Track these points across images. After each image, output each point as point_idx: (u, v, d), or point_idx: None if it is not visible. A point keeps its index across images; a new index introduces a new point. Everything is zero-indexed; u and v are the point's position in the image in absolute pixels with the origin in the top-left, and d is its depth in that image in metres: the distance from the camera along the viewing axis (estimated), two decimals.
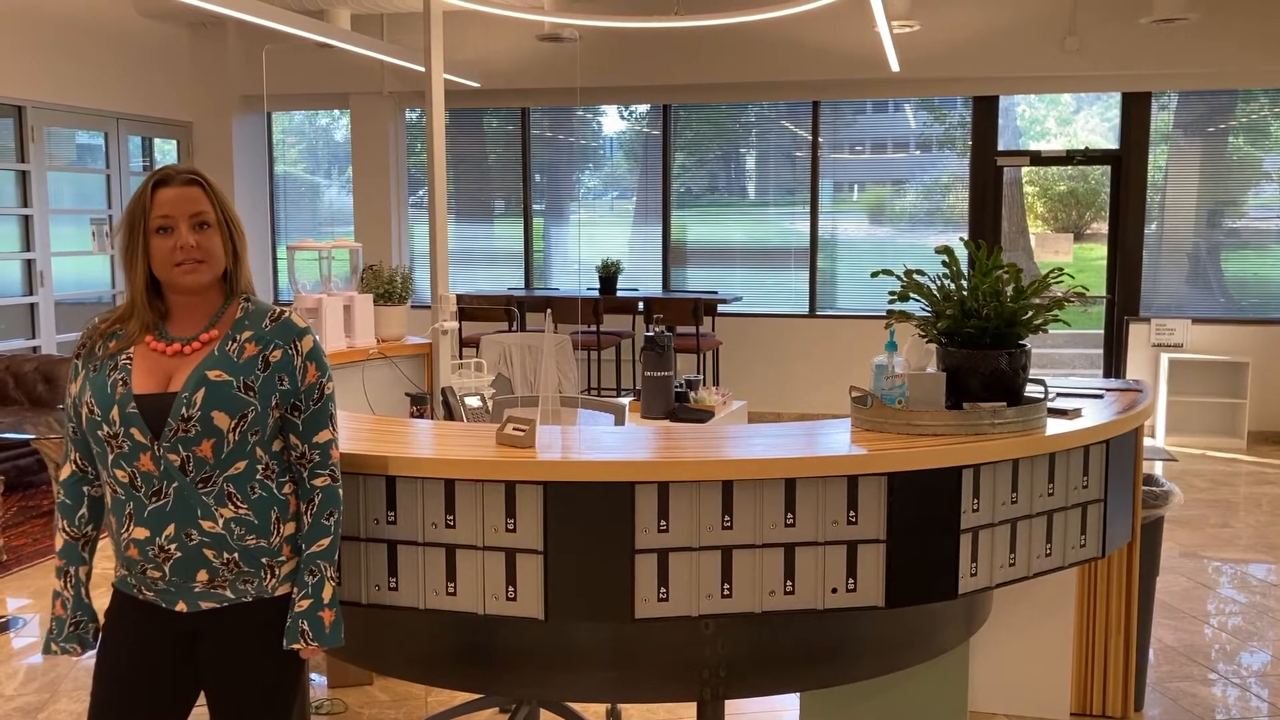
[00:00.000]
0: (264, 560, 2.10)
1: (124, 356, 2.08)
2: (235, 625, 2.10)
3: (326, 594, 2.13)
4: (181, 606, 2.08)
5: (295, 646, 2.11)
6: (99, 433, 2.04)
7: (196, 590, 2.07)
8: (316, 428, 2.15)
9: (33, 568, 5.26)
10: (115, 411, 2.03)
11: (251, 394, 2.07)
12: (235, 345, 2.09)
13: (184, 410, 2.02)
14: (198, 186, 2.08)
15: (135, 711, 2.12)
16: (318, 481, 2.16)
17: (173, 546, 2.04)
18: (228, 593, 2.08)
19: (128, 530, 2.06)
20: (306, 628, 2.11)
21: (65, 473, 2.18)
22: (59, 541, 2.19)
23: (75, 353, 2.14)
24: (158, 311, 2.11)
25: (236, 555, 2.07)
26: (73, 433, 2.15)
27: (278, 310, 2.16)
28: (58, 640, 2.17)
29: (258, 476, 2.10)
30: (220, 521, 2.06)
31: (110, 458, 2.05)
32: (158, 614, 2.10)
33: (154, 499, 2.04)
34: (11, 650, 4.29)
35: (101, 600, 2.16)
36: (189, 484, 2.04)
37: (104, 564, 2.27)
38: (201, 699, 2.17)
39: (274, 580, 2.12)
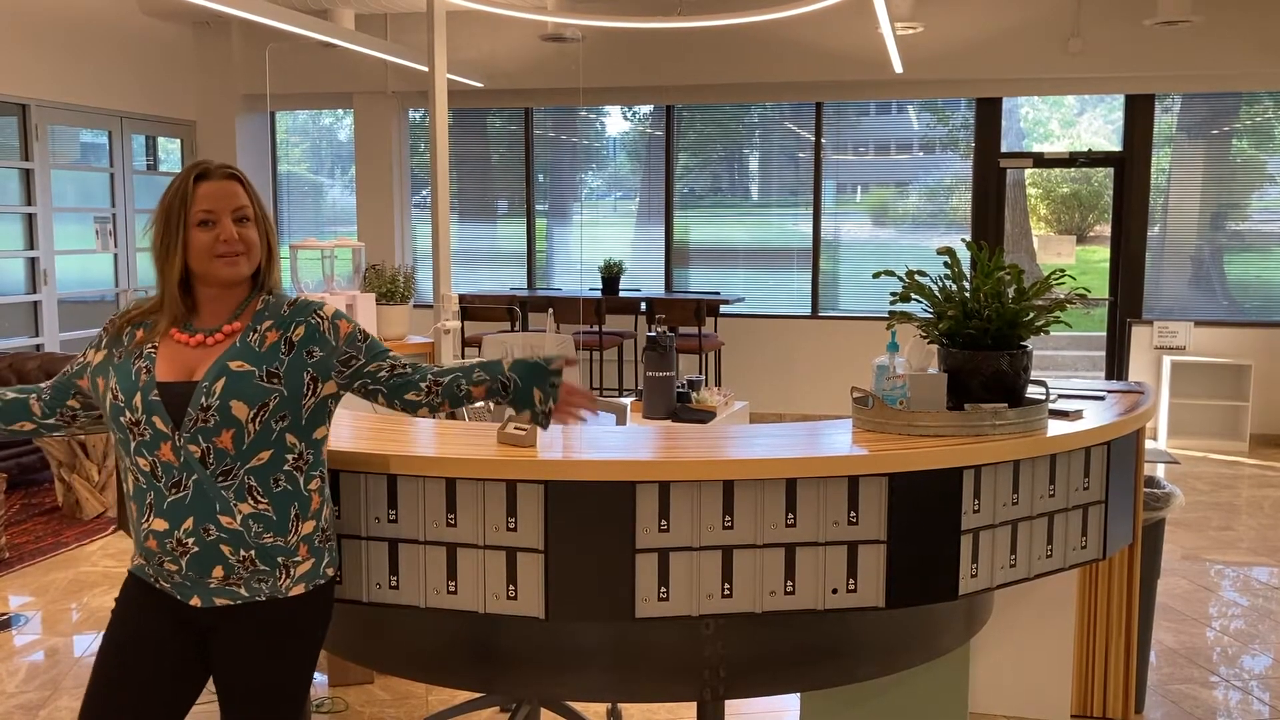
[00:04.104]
0: (280, 560, 2.09)
1: (149, 346, 2.10)
2: (248, 624, 2.10)
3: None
4: (196, 601, 2.09)
5: (568, 357, 2.27)
6: (121, 419, 2.06)
7: (212, 586, 2.08)
8: (380, 351, 2.22)
9: (35, 565, 5.26)
10: (138, 398, 2.04)
11: (276, 381, 2.08)
12: (256, 335, 2.11)
13: (203, 399, 2.03)
14: (236, 181, 2.14)
15: (133, 678, 2.10)
16: (421, 363, 2.27)
17: (190, 541, 2.05)
18: (242, 590, 2.08)
19: (147, 521, 2.07)
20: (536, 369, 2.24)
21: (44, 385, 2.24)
22: None
23: (104, 327, 2.18)
24: (186, 305, 2.13)
25: (253, 553, 2.07)
26: (62, 374, 2.22)
27: (294, 296, 2.21)
28: None
29: (285, 467, 2.10)
30: (238, 518, 2.06)
31: (132, 445, 2.06)
32: (172, 604, 2.11)
33: (174, 490, 2.04)
34: (13, 648, 4.30)
35: (101, 600, 2.17)
36: (209, 476, 2.04)
37: (106, 562, 2.27)
38: (211, 694, 2.17)
39: (289, 580, 2.11)
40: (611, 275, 8.83)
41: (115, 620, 2.16)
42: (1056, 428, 2.74)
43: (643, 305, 8.55)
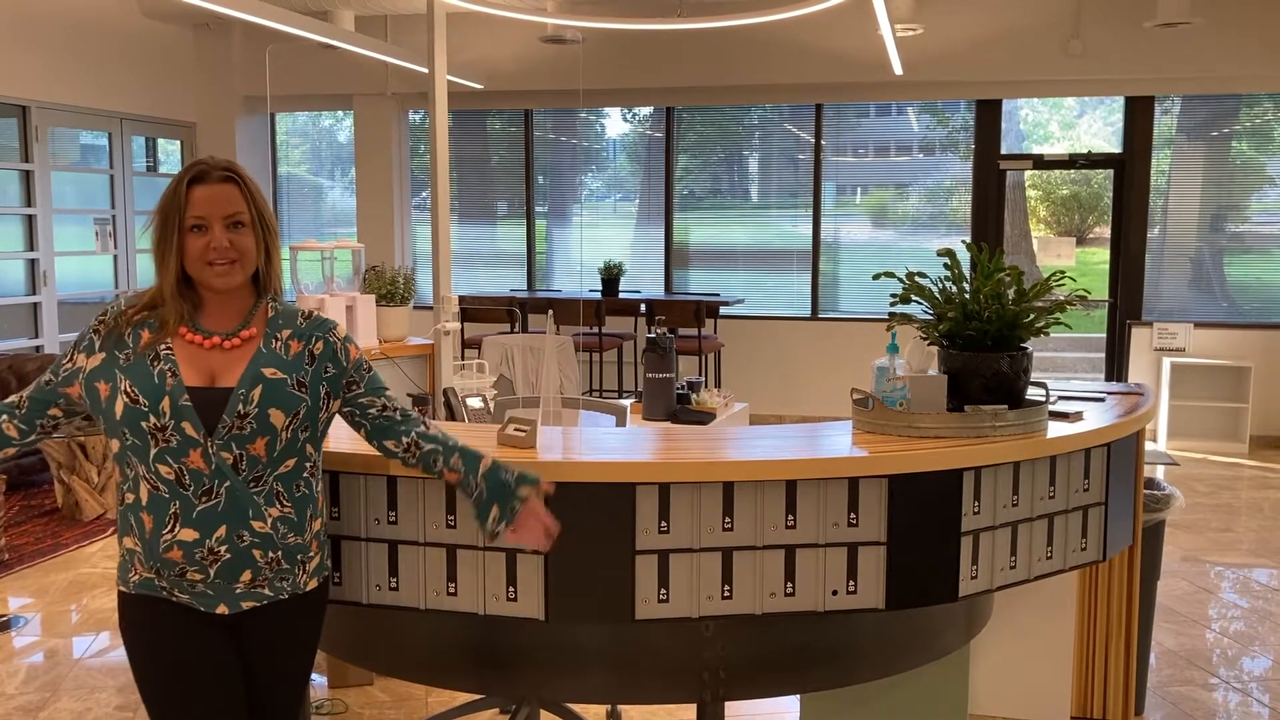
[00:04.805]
0: (299, 557, 2.12)
1: (163, 347, 2.04)
2: (273, 622, 2.12)
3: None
4: (222, 609, 2.06)
5: (544, 484, 2.20)
6: (143, 424, 1.99)
7: (238, 591, 2.06)
8: (379, 386, 2.21)
9: (34, 567, 5.26)
10: (166, 403, 1.99)
11: (303, 390, 2.08)
12: (279, 343, 2.10)
13: (240, 407, 2.01)
14: (233, 184, 2.06)
15: (204, 701, 2.06)
16: (411, 411, 2.24)
17: (223, 548, 2.02)
18: (266, 591, 2.09)
19: (171, 531, 2.01)
20: (522, 470, 2.20)
21: (3, 398, 2.15)
22: None
23: (94, 327, 2.08)
24: (190, 302, 2.08)
25: (280, 554, 2.08)
26: (45, 382, 2.10)
27: (306, 309, 2.20)
28: None
29: (304, 474, 2.11)
30: (269, 521, 2.05)
31: (153, 452, 1.99)
32: (196, 614, 2.06)
33: (204, 498, 2.01)
34: (13, 649, 4.30)
35: (101, 602, 2.15)
36: (241, 483, 2.02)
37: (106, 564, 2.26)
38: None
39: (305, 575, 2.14)
40: (611, 277, 8.83)
41: (148, 651, 2.07)
42: (1056, 429, 2.74)
43: (642, 307, 8.55)
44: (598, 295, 8.71)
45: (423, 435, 2.22)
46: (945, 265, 2.84)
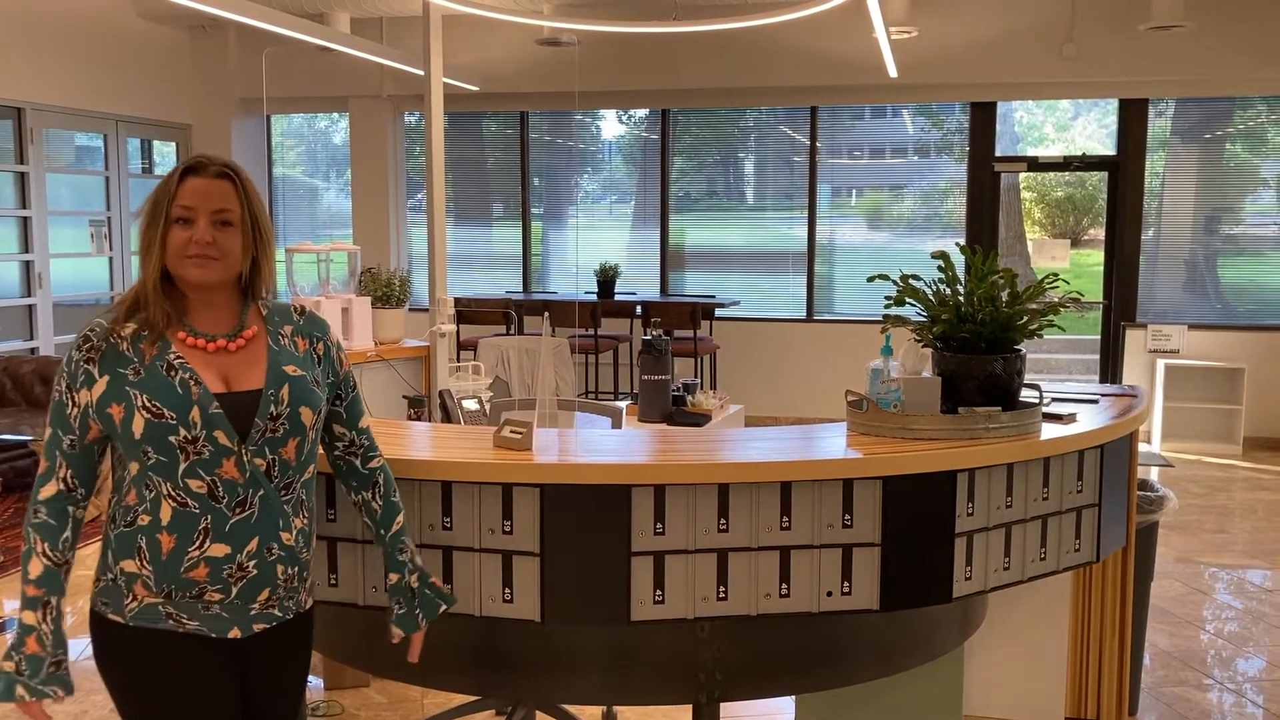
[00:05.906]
0: (304, 575, 2.05)
1: (173, 354, 1.92)
2: (276, 643, 2.04)
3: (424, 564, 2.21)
4: (235, 633, 1.95)
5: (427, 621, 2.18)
6: (171, 438, 1.87)
7: (254, 612, 1.96)
8: (358, 413, 2.16)
9: None
10: (196, 413, 1.88)
11: (319, 388, 2.03)
12: (286, 339, 2.03)
13: (272, 408, 1.93)
14: (229, 181, 1.96)
15: None
16: (374, 463, 2.17)
17: (251, 564, 1.92)
18: (276, 611, 2.00)
19: (200, 548, 1.89)
20: (438, 597, 2.20)
21: (49, 491, 1.97)
22: (36, 568, 1.96)
23: (85, 356, 1.91)
24: (176, 302, 1.96)
25: (295, 570, 2.00)
26: (69, 445, 1.94)
27: (297, 304, 2.13)
28: (33, 682, 1.92)
29: (312, 483, 2.06)
30: (294, 533, 1.99)
31: (182, 467, 1.89)
32: (204, 644, 1.95)
33: (238, 510, 1.91)
34: None
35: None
36: (274, 491, 1.94)
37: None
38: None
39: (306, 594, 2.08)
40: (607, 278, 8.84)
41: (147, 686, 1.96)
42: (1050, 431, 2.75)
43: (638, 308, 8.56)
44: (593, 297, 8.71)
45: (365, 506, 2.17)
46: (939, 268, 2.85)
